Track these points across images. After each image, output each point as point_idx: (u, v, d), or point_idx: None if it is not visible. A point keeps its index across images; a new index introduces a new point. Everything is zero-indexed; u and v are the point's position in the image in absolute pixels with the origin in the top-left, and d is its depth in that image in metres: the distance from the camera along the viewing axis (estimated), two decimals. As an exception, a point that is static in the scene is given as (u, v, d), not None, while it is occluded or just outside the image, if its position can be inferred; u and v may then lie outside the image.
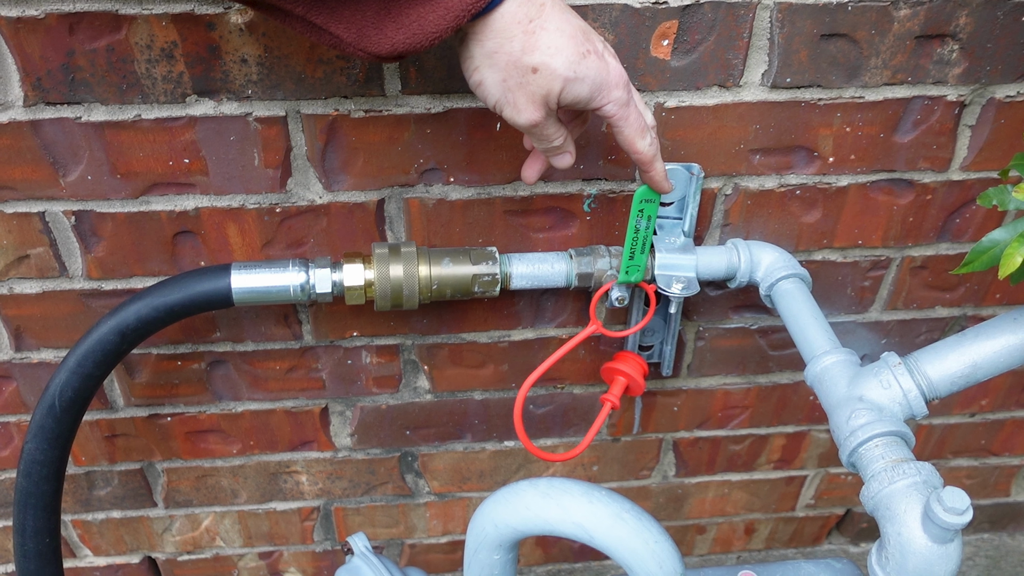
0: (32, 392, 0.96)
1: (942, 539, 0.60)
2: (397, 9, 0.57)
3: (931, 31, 0.79)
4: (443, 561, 1.27)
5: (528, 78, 0.60)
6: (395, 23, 0.57)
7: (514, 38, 0.59)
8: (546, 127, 0.64)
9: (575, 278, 0.83)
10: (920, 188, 0.90)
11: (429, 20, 0.57)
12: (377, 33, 0.57)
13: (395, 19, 0.57)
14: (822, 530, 1.33)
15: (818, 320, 0.80)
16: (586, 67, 0.61)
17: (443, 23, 0.57)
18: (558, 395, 1.05)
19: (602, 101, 0.63)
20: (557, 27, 0.59)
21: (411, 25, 0.57)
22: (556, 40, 0.59)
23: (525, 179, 0.74)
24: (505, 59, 0.60)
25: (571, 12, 0.62)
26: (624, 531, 0.64)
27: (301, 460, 1.09)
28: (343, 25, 0.57)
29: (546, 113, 0.63)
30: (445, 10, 0.56)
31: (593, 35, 0.62)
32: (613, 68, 0.62)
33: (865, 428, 0.68)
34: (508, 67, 0.60)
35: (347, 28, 0.57)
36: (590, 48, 0.61)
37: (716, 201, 0.89)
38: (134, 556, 1.19)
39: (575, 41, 0.60)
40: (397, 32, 0.57)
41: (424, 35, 0.57)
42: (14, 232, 0.83)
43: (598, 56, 0.61)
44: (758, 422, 1.13)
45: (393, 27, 0.57)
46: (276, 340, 0.95)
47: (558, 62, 0.60)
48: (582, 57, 0.60)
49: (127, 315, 0.78)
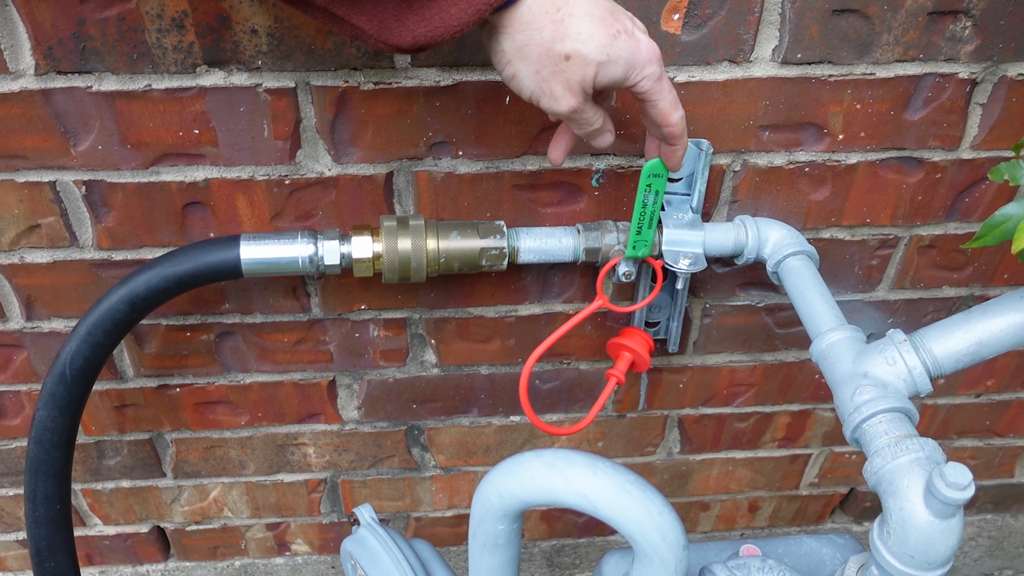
0: (43, 361, 0.97)
1: (944, 514, 0.60)
2: (419, 1, 0.56)
3: (944, 7, 0.78)
4: (448, 534, 1.28)
5: (561, 66, 0.60)
6: (416, 15, 0.57)
7: (543, 28, 0.59)
8: (585, 111, 0.64)
9: (583, 253, 0.83)
10: (930, 166, 0.90)
11: (451, 13, 0.56)
12: (398, 25, 0.57)
13: (416, 11, 0.57)
14: (826, 508, 1.33)
15: (824, 297, 0.80)
16: (618, 48, 0.60)
17: (465, 16, 0.56)
18: (564, 371, 1.06)
19: (637, 78, 0.63)
20: (586, 12, 0.59)
21: (433, 18, 0.57)
22: (586, 26, 0.59)
23: (553, 161, 0.73)
24: (536, 51, 0.60)
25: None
26: (627, 502, 0.64)
27: (308, 432, 1.10)
28: (365, 17, 0.57)
29: (584, 98, 0.63)
30: (468, 2, 0.56)
31: (621, 12, 0.62)
32: (644, 44, 0.62)
33: (869, 404, 0.68)
34: (540, 58, 0.60)
35: (369, 20, 0.57)
36: (620, 28, 0.60)
37: (725, 177, 0.88)
38: (143, 525, 1.20)
39: (604, 24, 0.60)
40: (419, 25, 0.57)
41: (446, 28, 0.57)
42: (25, 201, 0.84)
43: (628, 35, 0.61)
44: (763, 400, 1.13)
45: (415, 19, 0.57)
46: (284, 312, 0.95)
47: (590, 48, 0.59)
48: (613, 39, 0.60)
49: (137, 284, 0.79)
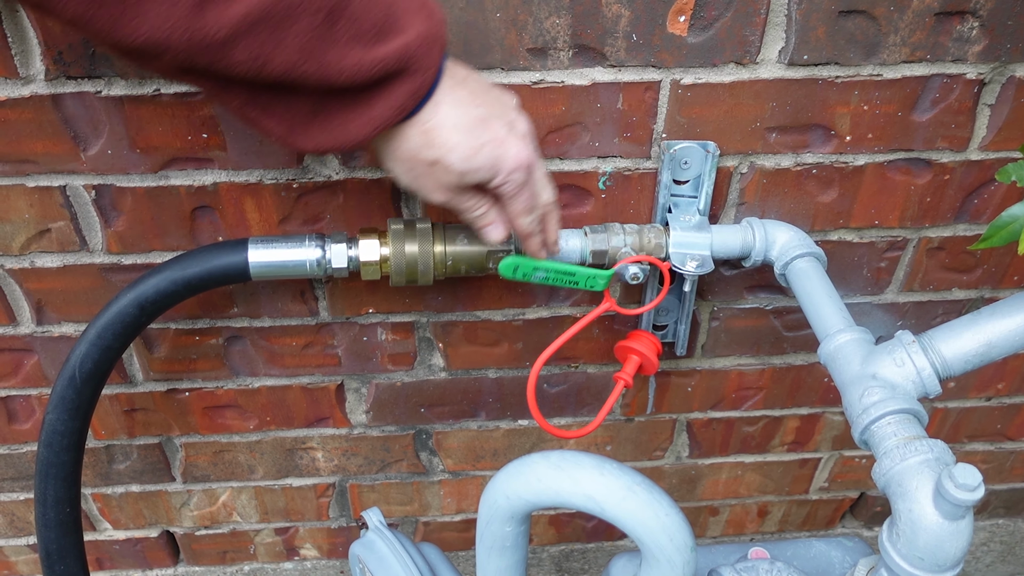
0: (53, 365, 0.98)
1: (953, 516, 0.60)
2: (325, 114, 0.61)
3: (951, 8, 0.78)
4: (457, 539, 1.28)
5: (428, 170, 0.66)
6: (322, 126, 0.62)
7: (413, 138, 0.65)
8: (461, 203, 0.70)
9: (589, 255, 0.83)
10: (938, 168, 0.90)
11: (352, 127, 0.62)
12: (304, 132, 0.62)
13: (322, 123, 0.62)
14: (836, 513, 1.33)
15: (832, 299, 0.80)
16: (482, 159, 0.65)
17: (364, 131, 0.62)
18: (572, 374, 1.06)
19: (501, 183, 0.68)
20: (453, 124, 0.64)
21: (335, 129, 0.62)
22: (452, 137, 0.64)
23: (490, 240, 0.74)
24: (407, 155, 0.66)
25: (472, 101, 0.65)
26: (635, 504, 0.64)
27: (317, 436, 1.10)
28: (274, 121, 0.61)
29: (455, 194, 0.68)
30: (368, 120, 0.61)
31: (496, 120, 0.66)
32: (512, 153, 0.66)
33: (878, 405, 0.68)
34: (411, 161, 0.66)
35: (278, 124, 0.61)
36: (488, 138, 0.65)
37: (732, 180, 0.88)
38: (153, 530, 1.21)
39: (472, 135, 0.65)
40: (322, 134, 0.62)
41: (346, 139, 0.62)
42: (35, 206, 0.84)
43: (496, 144, 0.66)
44: (772, 403, 1.13)
45: (319, 129, 0.62)
46: (293, 316, 0.96)
47: (453, 158, 0.65)
48: (477, 150, 0.65)
49: (146, 288, 0.79)
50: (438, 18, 0.63)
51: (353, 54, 0.58)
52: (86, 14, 0.51)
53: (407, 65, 0.60)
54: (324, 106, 0.61)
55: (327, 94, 0.60)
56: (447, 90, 0.64)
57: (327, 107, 0.61)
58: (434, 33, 0.61)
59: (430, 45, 0.61)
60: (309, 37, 0.56)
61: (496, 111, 0.67)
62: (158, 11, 0.51)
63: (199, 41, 0.53)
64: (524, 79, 0.79)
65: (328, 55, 0.57)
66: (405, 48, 0.59)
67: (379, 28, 0.59)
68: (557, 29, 0.77)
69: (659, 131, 0.84)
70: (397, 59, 0.59)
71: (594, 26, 0.77)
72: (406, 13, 0.61)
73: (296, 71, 0.57)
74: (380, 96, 0.61)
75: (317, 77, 0.58)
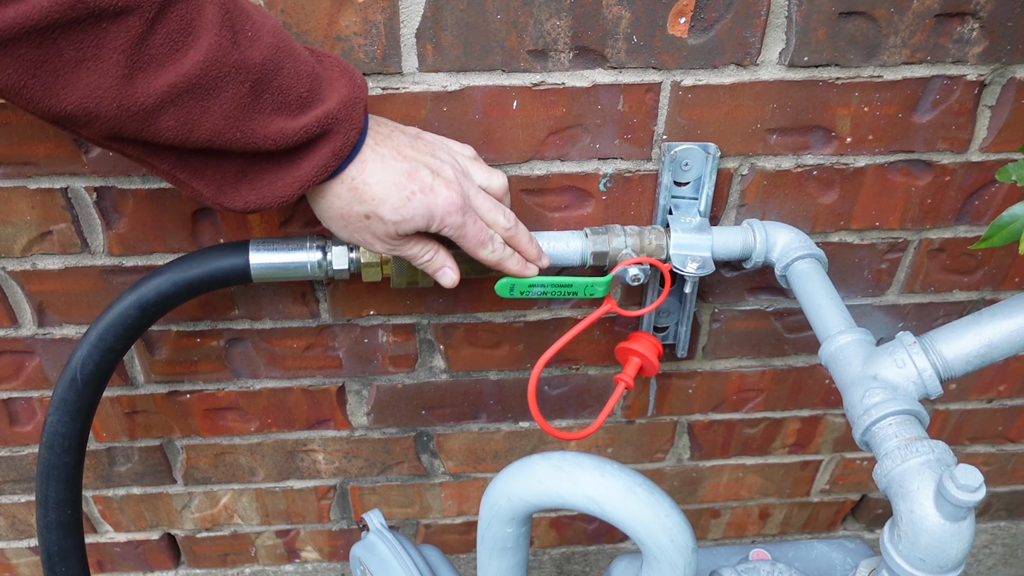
0: (54, 368, 0.98)
1: (955, 517, 0.60)
2: (253, 174, 0.64)
3: (951, 9, 0.78)
4: (457, 541, 1.28)
5: (364, 223, 0.69)
6: (250, 186, 0.65)
7: (342, 195, 0.68)
8: (404, 250, 0.72)
9: (590, 256, 0.83)
10: (939, 169, 0.90)
11: (279, 186, 0.65)
12: (233, 192, 0.65)
13: (250, 182, 0.64)
14: (837, 515, 1.32)
15: (833, 300, 0.80)
16: (413, 208, 0.68)
17: (291, 190, 0.65)
18: (573, 376, 1.06)
19: (438, 228, 0.70)
20: (379, 179, 0.67)
21: (263, 188, 0.65)
22: (379, 191, 0.67)
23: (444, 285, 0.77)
24: (339, 211, 0.69)
25: (397, 155, 0.68)
26: (636, 504, 0.64)
27: (318, 438, 1.10)
28: (204, 183, 0.64)
29: (396, 242, 0.71)
30: (293, 179, 0.64)
31: (422, 169, 0.69)
32: (442, 200, 0.69)
33: (879, 407, 0.68)
34: (344, 216, 0.69)
35: (207, 185, 0.64)
36: (416, 188, 0.68)
37: (732, 181, 0.88)
38: (154, 532, 1.21)
39: (399, 187, 0.67)
40: (251, 193, 0.65)
41: (274, 198, 0.65)
42: (37, 208, 0.85)
43: (425, 192, 0.68)
44: (773, 405, 1.13)
45: (247, 188, 0.65)
46: (294, 318, 0.96)
47: (384, 210, 0.68)
48: (407, 200, 0.68)
49: (147, 290, 0.80)
50: (359, 82, 0.66)
51: (277, 122, 0.61)
52: (18, 83, 0.52)
53: (329, 128, 0.64)
54: (252, 167, 0.64)
55: (254, 156, 0.63)
56: (372, 147, 0.68)
57: (255, 168, 0.64)
58: (355, 97, 0.65)
59: (351, 108, 0.65)
60: (235, 106, 0.59)
61: (422, 160, 0.69)
62: (88, 80, 0.53)
63: (127, 109, 0.55)
64: (525, 81, 0.80)
65: (253, 123, 0.60)
66: (327, 114, 0.63)
67: (303, 99, 0.62)
68: (558, 31, 0.77)
69: (660, 133, 0.84)
70: (319, 124, 0.63)
71: (595, 28, 0.77)
72: (329, 83, 0.64)
73: (222, 138, 0.60)
74: (305, 157, 0.64)
75: (243, 143, 0.61)
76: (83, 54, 0.52)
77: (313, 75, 0.63)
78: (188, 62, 0.56)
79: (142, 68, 0.54)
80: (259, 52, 0.59)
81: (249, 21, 0.59)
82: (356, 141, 0.66)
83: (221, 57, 0.57)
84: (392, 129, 0.71)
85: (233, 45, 0.58)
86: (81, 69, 0.53)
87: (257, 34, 0.60)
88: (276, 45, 0.61)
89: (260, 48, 0.59)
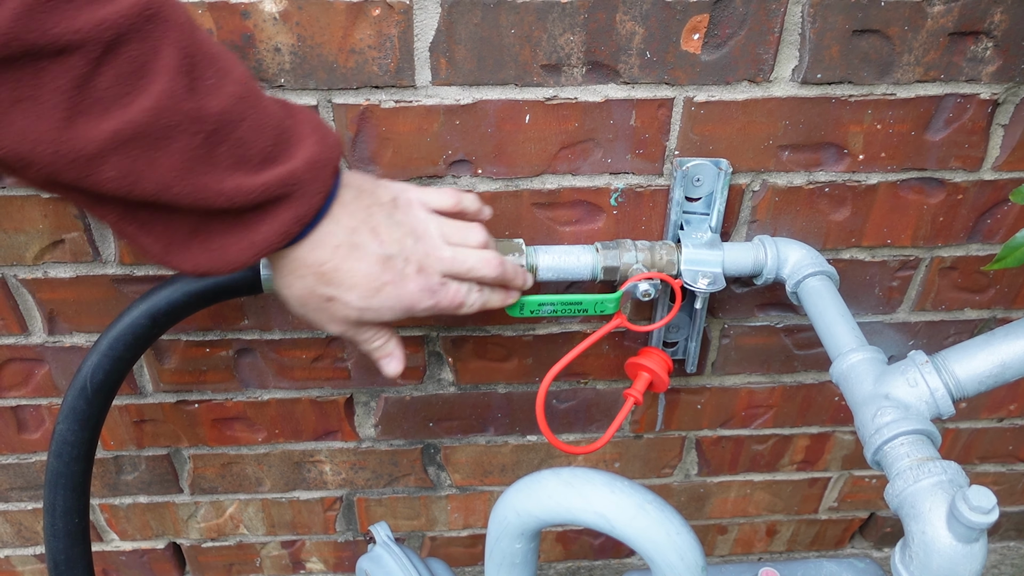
0: (64, 376, 0.98)
1: (967, 538, 0.59)
2: (205, 234, 0.58)
3: (965, 28, 0.78)
4: (463, 555, 1.27)
5: (325, 305, 0.64)
6: (201, 246, 0.59)
7: (307, 276, 0.63)
8: (355, 335, 0.68)
9: (601, 271, 0.83)
10: (951, 187, 0.90)
11: (232, 251, 0.59)
12: (183, 251, 0.59)
13: (202, 243, 0.58)
14: (845, 533, 1.32)
15: (845, 318, 0.79)
16: (382, 299, 0.64)
17: (244, 256, 0.59)
18: (581, 390, 1.06)
19: (410, 314, 0.67)
20: (350, 268, 0.62)
21: (215, 251, 0.59)
22: (348, 278, 0.63)
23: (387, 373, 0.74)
24: (300, 290, 0.64)
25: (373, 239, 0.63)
26: (646, 522, 0.64)
27: (325, 450, 1.10)
28: (152, 238, 0.58)
29: (353, 327, 0.67)
30: (249, 243, 0.58)
31: (397, 260, 0.65)
32: (414, 290, 0.65)
33: (891, 426, 0.68)
34: (305, 295, 0.64)
35: (155, 241, 0.58)
36: (388, 279, 0.64)
37: (744, 197, 0.88)
38: (159, 541, 1.21)
39: (370, 277, 0.63)
40: (201, 255, 0.59)
41: (225, 263, 0.59)
42: (50, 217, 0.85)
43: (397, 283, 0.64)
44: (782, 422, 1.12)
45: (199, 249, 0.59)
46: (303, 329, 0.96)
47: (351, 297, 0.63)
48: (376, 291, 0.63)
49: (158, 300, 0.80)
50: (332, 143, 0.61)
51: (234, 178, 0.56)
52: None
53: (291, 190, 0.58)
54: (204, 226, 0.58)
55: (207, 214, 0.57)
56: (344, 223, 0.62)
57: (207, 227, 0.58)
58: (325, 158, 0.60)
59: (319, 170, 0.59)
60: (186, 159, 0.54)
61: (398, 244, 0.65)
62: (24, 123, 0.48)
63: (65, 156, 0.50)
64: (538, 95, 0.80)
65: (205, 178, 0.55)
66: (291, 174, 0.57)
67: (266, 154, 0.57)
68: (571, 46, 0.77)
69: (672, 148, 0.84)
70: (281, 184, 0.57)
71: (608, 43, 0.77)
72: (299, 140, 0.59)
73: (170, 191, 0.54)
74: (263, 220, 0.58)
75: (192, 199, 0.55)
76: (19, 95, 0.48)
77: (280, 130, 0.58)
78: (136, 108, 0.51)
79: (84, 112, 0.49)
80: (219, 101, 0.54)
81: (213, 68, 0.55)
82: (321, 206, 0.60)
83: (174, 104, 0.52)
84: (371, 203, 0.65)
85: (189, 92, 0.53)
86: (15, 111, 0.48)
87: (220, 82, 0.55)
88: (240, 95, 0.56)
89: (220, 97, 0.54)
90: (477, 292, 0.72)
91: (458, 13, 0.74)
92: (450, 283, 0.69)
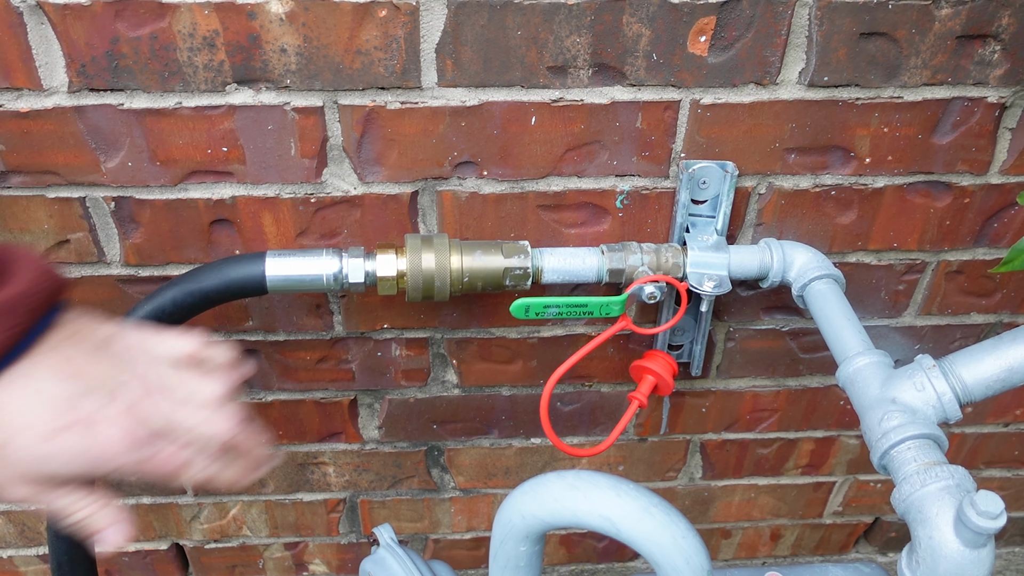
0: (68, 376, 0.98)
1: (974, 543, 0.59)
2: None
3: (972, 31, 0.78)
4: (467, 557, 1.27)
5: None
6: None
7: None
8: (51, 500, 0.53)
9: (606, 273, 0.83)
10: (958, 191, 0.89)
11: None
12: None
13: None
14: (849, 538, 1.31)
15: (851, 321, 0.79)
16: (63, 444, 0.50)
17: None
18: (586, 393, 1.05)
19: (107, 472, 0.53)
20: (25, 400, 0.50)
21: None
22: (22, 411, 0.50)
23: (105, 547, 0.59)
24: None
25: (59, 373, 0.51)
26: (651, 525, 0.64)
27: (329, 451, 1.10)
28: None
29: (39, 489, 0.52)
30: None
31: (91, 398, 0.51)
32: (112, 435, 0.51)
33: (897, 430, 0.67)
34: None
35: None
36: (76, 419, 0.51)
37: (750, 200, 0.88)
38: (162, 543, 1.20)
39: (52, 415, 0.50)
40: None
41: None
42: (55, 217, 0.85)
43: (86, 427, 0.51)
44: (787, 426, 1.12)
45: None
46: (307, 330, 0.96)
47: (25, 439, 0.50)
48: (58, 432, 0.50)
49: (163, 300, 0.79)
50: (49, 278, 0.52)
51: None
52: None
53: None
54: None
55: None
56: (34, 356, 0.52)
57: None
58: (38, 288, 0.51)
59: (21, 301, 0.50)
60: None
61: (94, 381, 0.52)
62: None
63: None
64: (544, 97, 0.80)
65: None
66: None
67: None
68: (577, 47, 0.77)
69: (678, 150, 0.84)
70: None
71: (614, 45, 0.77)
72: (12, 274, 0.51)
73: None
74: None
75: None
76: None
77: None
78: None
79: None
80: None
81: None
82: (15, 344, 0.50)
83: None
84: (72, 333, 0.54)
85: None
86: None
87: None
88: None
89: None
90: (204, 459, 0.56)
91: (464, 14, 0.74)
92: (164, 442, 0.54)
